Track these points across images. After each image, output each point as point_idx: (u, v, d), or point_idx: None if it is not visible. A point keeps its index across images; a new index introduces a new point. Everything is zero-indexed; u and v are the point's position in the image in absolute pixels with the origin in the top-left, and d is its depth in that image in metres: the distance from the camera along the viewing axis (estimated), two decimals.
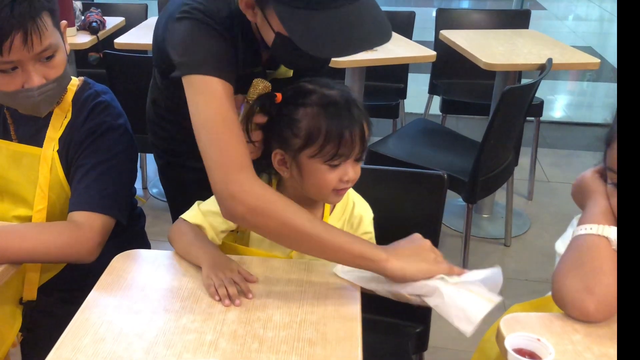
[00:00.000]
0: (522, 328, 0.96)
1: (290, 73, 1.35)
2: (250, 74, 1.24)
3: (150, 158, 1.42)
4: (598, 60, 2.61)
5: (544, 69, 2.44)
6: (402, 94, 3.38)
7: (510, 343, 0.89)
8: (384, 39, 1.06)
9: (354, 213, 1.25)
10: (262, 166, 1.20)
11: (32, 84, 1.20)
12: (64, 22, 1.27)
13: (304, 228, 1.04)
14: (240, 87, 1.25)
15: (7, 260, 1.15)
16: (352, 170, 1.13)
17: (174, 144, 1.52)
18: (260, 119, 1.16)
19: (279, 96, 1.15)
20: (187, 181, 1.18)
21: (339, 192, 1.15)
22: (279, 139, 1.14)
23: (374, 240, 1.25)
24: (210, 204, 1.20)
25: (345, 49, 1.05)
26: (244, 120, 1.16)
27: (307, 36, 1.01)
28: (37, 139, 1.33)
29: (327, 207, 1.24)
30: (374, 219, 1.28)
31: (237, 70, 1.18)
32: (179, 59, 1.16)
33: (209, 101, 1.10)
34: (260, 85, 1.16)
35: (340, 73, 2.69)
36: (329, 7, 1.01)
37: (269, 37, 1.10)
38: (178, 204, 1.15)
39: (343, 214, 1.25)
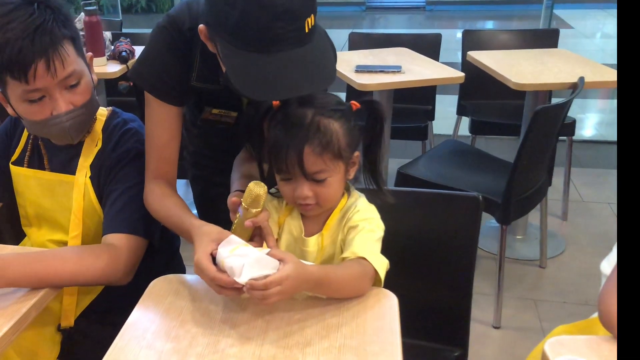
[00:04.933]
0: (568, 351, 0.93)
1: None
2: (218, 90, 1.29)
3: (180, 181, 1.46)
4: None
5: (576, 88, 2.41)
6: (431, 115, 3.37)
7: None
8: (322, 84, 1.10)
9: (353, 213, 1.18)
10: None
11: (59, 110, 1.24)
12: (89, 54, 1.33)
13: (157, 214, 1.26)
14: (213, 100, 1.32)
15: (50, 284, 1.17)
16: (306, 188, 1.11)
17: (199, 157, 1.61)
18: (264, 215, 1.13)
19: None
20: (214, 196, 1.21)
21: (302, 207, 1.15)
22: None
23: (370, 232, 1.15)
24: None
25: (276, 94, 1.07)
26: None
27: (242, 77, 1.04)
28: (69, 168, 1.37)
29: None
30: (410, 238, 1.25)
31: (185, 85, 1.30)
32: (137, 63, 1.30)
33: (149, 116, 1.33)
34: (255, 190, 1.10)
35: (368, 96, 2.69)
36: (270, 51, 1.03)
37: (223, 69, 1.13)
38: (210, 220, 1.16)
39: (346, 213, 1.20)
